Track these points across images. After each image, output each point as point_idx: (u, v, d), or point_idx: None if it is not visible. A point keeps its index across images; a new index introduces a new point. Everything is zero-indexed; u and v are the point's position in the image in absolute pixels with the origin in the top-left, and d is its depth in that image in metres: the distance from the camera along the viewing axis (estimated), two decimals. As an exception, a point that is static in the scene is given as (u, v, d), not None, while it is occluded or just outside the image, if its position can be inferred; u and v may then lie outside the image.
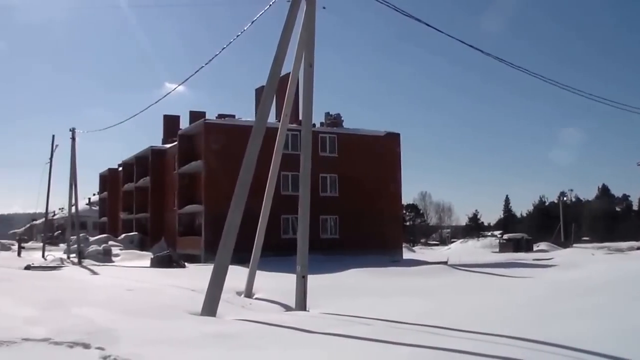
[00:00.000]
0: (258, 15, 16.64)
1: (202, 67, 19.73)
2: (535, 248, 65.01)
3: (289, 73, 17.82)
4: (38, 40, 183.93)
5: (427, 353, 9.11)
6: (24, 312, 13.18)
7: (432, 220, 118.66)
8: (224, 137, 39.86)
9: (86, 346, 9.36)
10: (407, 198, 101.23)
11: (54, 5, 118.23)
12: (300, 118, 17.40)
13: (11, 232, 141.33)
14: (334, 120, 47.48)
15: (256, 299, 18.78)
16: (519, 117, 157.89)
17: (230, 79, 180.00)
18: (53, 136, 52.61)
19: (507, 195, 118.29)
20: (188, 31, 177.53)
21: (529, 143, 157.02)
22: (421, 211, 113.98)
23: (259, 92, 43.17)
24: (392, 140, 47.70)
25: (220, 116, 46.86)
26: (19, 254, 54.01)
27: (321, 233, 41.10)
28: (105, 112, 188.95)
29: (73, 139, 45.63)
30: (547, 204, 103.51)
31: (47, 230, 65.53)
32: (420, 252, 65.04)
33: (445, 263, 31.35)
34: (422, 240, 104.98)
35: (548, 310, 13.16)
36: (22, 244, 61.77)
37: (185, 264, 36.19)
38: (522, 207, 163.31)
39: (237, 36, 17.79)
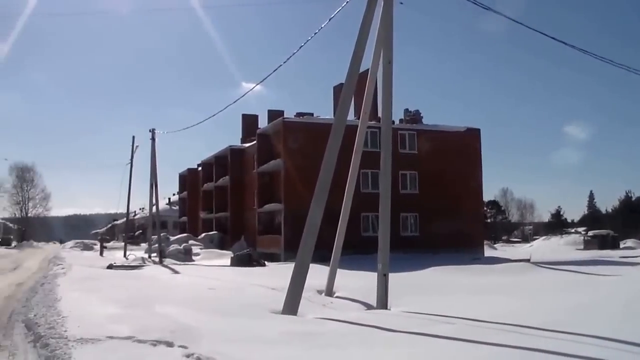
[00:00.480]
0: (335, 13, 16.54)
1: (280, 65, 19.72)
2: (621, 245, 63.00)
3: (368, 70, 17.63)
4: (117, 43, 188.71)
5: (511, 353, 8.85)
6: (108, 311, 13.39)
7: (514, 217, 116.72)
8: (302, 136, 39.92)
9: (169, 344, 9.45)
10: (488, 194, 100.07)
11: (128, 9, 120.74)
12: (380, 115, 17.23)
13: (93, 232, 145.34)
14: (413, 117, 47.09)
15: (337, 297, 18.64)
16: (603, 111, 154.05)
17: (308, 77, 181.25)
18: (133, 137, 53.81)
19: (591, 191, 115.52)
20: (265, 31, 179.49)
21: (613, 137, 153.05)
22: (502, 208, 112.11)
23: (337, 90, 43.14)
24: (472, 136, 46.99)
25: (298, 114, 46.97)
26: (101, 254, 55.33)
27: (401, 231, 40.73)
28: (184, 112, 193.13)
29: (153, 139, 46.41)
30: (633, 199, 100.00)
31: (128, 230, 66.92)
32: (501, 250, 63.91)
33: (528, 261, 30.52)
34: (504, 238, 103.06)
35: (637, 310, 12.66)
36: (104, 244, 63.26)
37: (265, 262, 36.33)
38: (607, 203, 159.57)
39: (315, 34, 17.71)
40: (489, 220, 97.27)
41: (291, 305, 13.95)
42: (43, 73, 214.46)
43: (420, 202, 42.85)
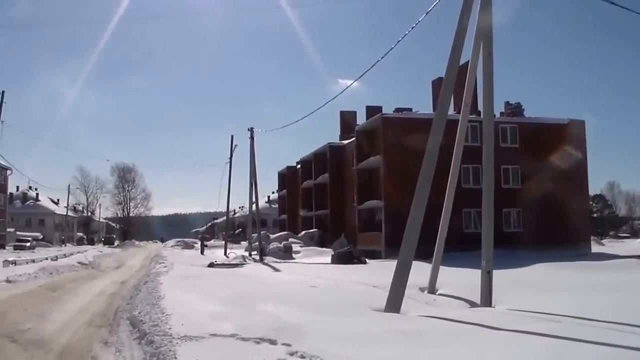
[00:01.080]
0: (432, 6, 16.22)
1: (378, 61, 19.50)
2: None
3: (467, 62, 17.27)
4: (213, 44, 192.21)
5: (622, 353, 8.47)
6: (211, 308, 13.52)
7: (622, 211, 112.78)
8: (401, 131, 39.55)
9: (272, 342, 9.44)
10: (593, 188, 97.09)
11: (223, 10, 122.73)
12: (480, 109, 16.86)
13: (193, 230, 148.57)
14: (514, 110, 46.13)
15: (440, 294, 18.37)
16: None
17: (405, 72, 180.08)
18: (232, 137, 54.56)
19: None
20: (360, 26, 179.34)
21: None
22: (609, 202, 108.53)
23: (436, 84, 42.66)
24: (576, 128, 45.55)
25: (397, 110, 46.60)
26: (202, 252, 56.41)
27: (504, 227, 39.90)
28: (281, 111, 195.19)
29: (251, 138, 46.86)
30: None
31: (228, 229, 67.82)
32: (609, 246, 61.78)
33: (638, 257, 29.41)
34: (611, 233, 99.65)
35: None
36: (205, 243, 64.40)
37: (366, 260, 36.19)
38: None
39: (412, 28, 17.44)
40: (595, 215, 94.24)
41: (394, 303, 13.79)
42: (141, 75, 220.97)
43: (523, 196, 41.79)
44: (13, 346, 10.59)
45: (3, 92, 41.85)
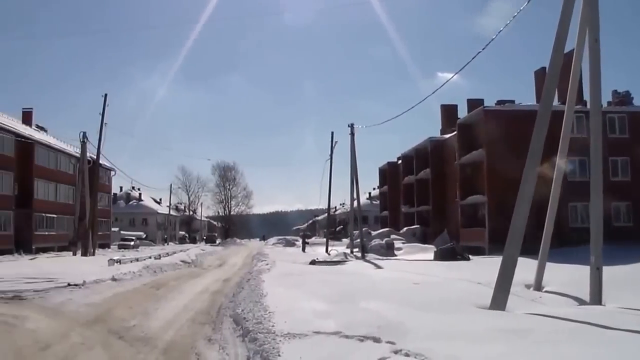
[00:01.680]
0: (535, -6, 15.75)
1: (479, 52, 19.22)
2: None
3: (571, 51, 16.67)
4: (309, 42, 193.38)
5: None
6: (313, 306, 13.50)
7: None
8: (504, 124, 38.75)
9: (376, 340, 9.36)
10: None
11: (315, 8, 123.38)
12: (586, 99, 16.24)
13: (294, 228, 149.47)
14: (623, 98, 44.38)
15: (546, 292, 17.90)
16: None
17: (506, 63, 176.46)
18: (332, 133, 54.76)
19: None
20: (457, 17, 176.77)
21: None
22: None
23: (539, 75, 41.59)
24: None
25: (499, 102, 45.68)
26: (303, 250, 56.73)
27: (613, 221, 38.41)
28: (380, 106, 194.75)
29: (352, 134, 46.70)
30: None
31: (330, 226, 67.88)
32: None
33: None
34: None
35: None
36: (306, 240, 64.67)
37: (469, 256, 35.62)
38: None
39: (513, 17, 17.04)
40: None
41: (499, 300, 13.47)
42: (240, 74, 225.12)
43: (633, 189, 40.17)
44: (119, 342, 10.85)
45: (105, 95, 43.36)
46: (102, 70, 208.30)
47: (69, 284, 19.90)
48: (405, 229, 57.09)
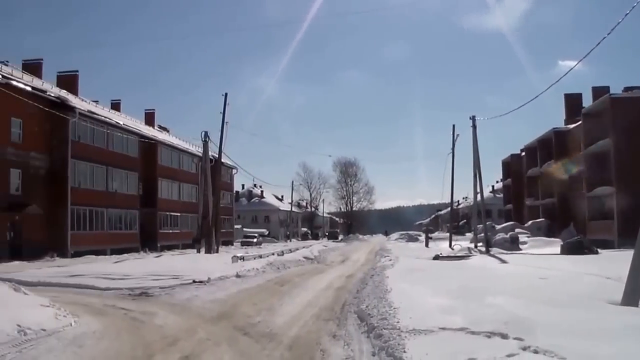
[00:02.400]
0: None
1: (604, 38, 18.30)
2: None
3: None
4: (420, 32, 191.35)
5: None
6: (438, 301, 13.27)
7: None
8: (633, 112, 37.14)
9: (504, 336, 9.13)
10: None
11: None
12: None
13: (417, 223, 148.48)
14: None
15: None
16: None
17: (633, 48, 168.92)
18: (453, 126, 53.64)
19: None
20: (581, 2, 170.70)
21: None
22: None
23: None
24: None
25: (626, 89, 43.81)
26: (426, 245, 56.11)
27: None
28: (500, 98, 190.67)
29: (473, 127, 45.79)
30: None
31: (452, 220, 66.97)
32: None
33: None
34: None
35: None
36: (429, 235, 64.00)
37: (597, 250, 34.26)
38: None
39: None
40: None
41: (632, 296, 12.81)
42: (357, 69, 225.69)
43: None
44: (245, 338, 11.01)
45: (226, 94, 44.07)
46: (217, 69, 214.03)
47: (194, 281, 20.35)
48: (529, 222, 55.84)
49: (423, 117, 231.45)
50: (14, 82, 36.74)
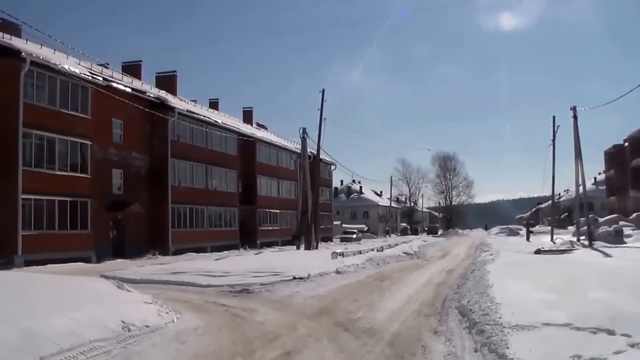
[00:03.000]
0: None
1: None
2: None
3: None
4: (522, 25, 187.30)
5: None
6: (541, 296, 13.02)
7: None
8: None
9: (610, 332, 8.89)
10: None
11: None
12: None
13: (517, 217, 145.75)
14: None
15: None
16: None
17: None
18: (554, 117, 52.55)
19: None
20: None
21: None
22: None
23: None
24: None
25: None
26: (527, 239, 55.11)
27: None
28: (602, 87, 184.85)
29: (574, 117, 44.56)
30: None
31: (554, 214, 65.42)
32: None
33: None
34: None
35: None
36: (530, 229, 62.74)
37: None
38: None
39: None
40: None
41: None
42: (451, 62, 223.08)
43: None
44: (346, 334, 11.00)
45: (323, 90, 44.37)
46: (311, 66, 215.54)
47: (294, 277, 20.50)
48: (634, 214, 54.03)
49: (522, 109, 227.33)
50: (115, 84, 37.80)
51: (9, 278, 16.08)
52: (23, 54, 29.79)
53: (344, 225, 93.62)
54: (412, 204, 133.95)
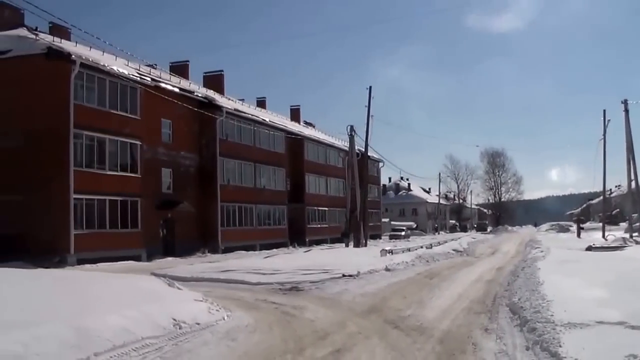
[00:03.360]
0: None
1: None
2: None
3: None
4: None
5: None
6: (594, 294, 12.86)
7: None
8: None
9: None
10: None
11: None
12: None
13: (567, 213, 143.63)
14: None
15: None
16: None
17: None
18: (604, 111, 51.39)
19: None
20: None
21: None
22: None
23: None
24: None
25: None
26: (578, 235, 54.37)
27: None
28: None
29: (626, 111, 43.81)
30: None
31: (605, 210, 64.20)
32: None
33: None
34: None
35: None
36: (581, 225, 61.77)
37: None
38: None
39: None
40: None
41: None
42: (500, 57, 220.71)
43: None
44: (395, 332, 10.97)
45: (370, 87, 44.51)
46: (355, 63, 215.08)
47: (343, 275, 20.44)
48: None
49: (571, 102, 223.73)
50: (163, 84, 38.15)
51: (63, 276, 16.36)
52: (73, 56, 30.27)
53: (392, 222, 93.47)
54: (460, 200, 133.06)
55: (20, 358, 7.46)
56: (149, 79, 36.38)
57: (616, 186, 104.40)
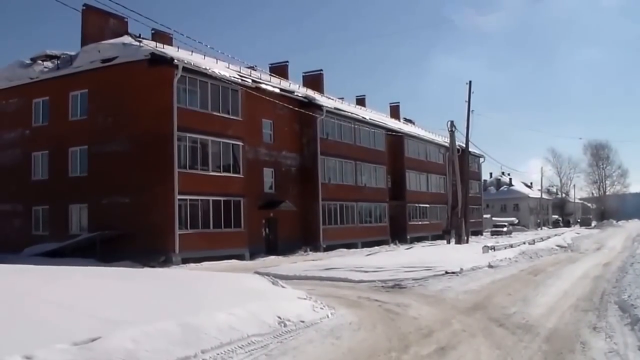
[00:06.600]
0: None
1: None
2: None
3: None
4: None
5: None
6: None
7: None
8: None
9: None
10: None
11: None
12: None
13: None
14: None
15: None
16: None
17: None
18: None
19: None
20: None
21: None
22: None
23: None
24: None
25: None
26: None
27: None
28: None
29: None
30: None
31: None
32: None
33: None
34: None
35: None
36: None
37: None
38: None
39: None
40: None
41: None
42: (599, 49, 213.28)
43: None
44: (500, 330, 10.85)
45: (470, 82, 43.95)
46: (447, 57, 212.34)
47: (446, 272, 20.41)
48: None
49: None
50: (263, 86, 38.60)
51: (171, 276, 16.81)
52: (175, 61, 30.97)
53: (493, 218, 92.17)
54: (563, 195, 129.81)
55: (131, 353, 7.71)
56: (249, 81, 36.85)
57: None
